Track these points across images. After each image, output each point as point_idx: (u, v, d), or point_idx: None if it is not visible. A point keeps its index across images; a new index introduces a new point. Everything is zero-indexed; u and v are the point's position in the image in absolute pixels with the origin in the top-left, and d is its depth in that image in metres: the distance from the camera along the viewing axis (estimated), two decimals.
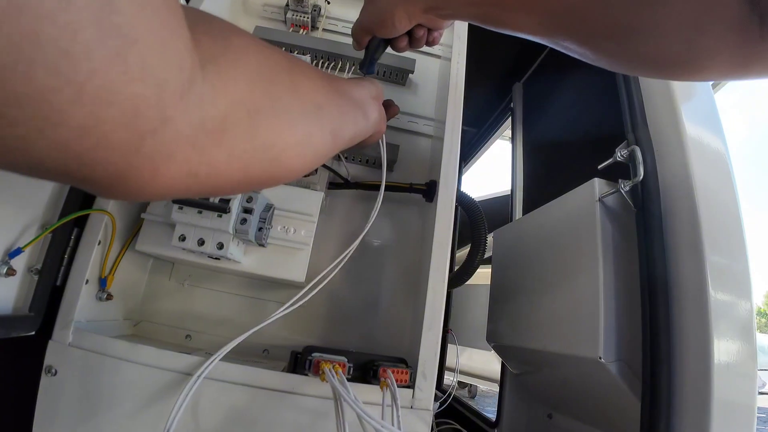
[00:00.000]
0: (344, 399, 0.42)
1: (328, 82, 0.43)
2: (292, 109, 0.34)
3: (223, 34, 0.30)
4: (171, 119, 0.22)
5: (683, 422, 0.58)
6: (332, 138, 0.40)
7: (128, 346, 0.54)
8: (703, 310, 0.59)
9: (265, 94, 0.31)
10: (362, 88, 0.52)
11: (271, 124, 0.32)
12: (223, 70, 0.27)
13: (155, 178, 0.24)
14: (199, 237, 0.54)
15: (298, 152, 0.35)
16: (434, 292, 0.55)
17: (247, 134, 0.29)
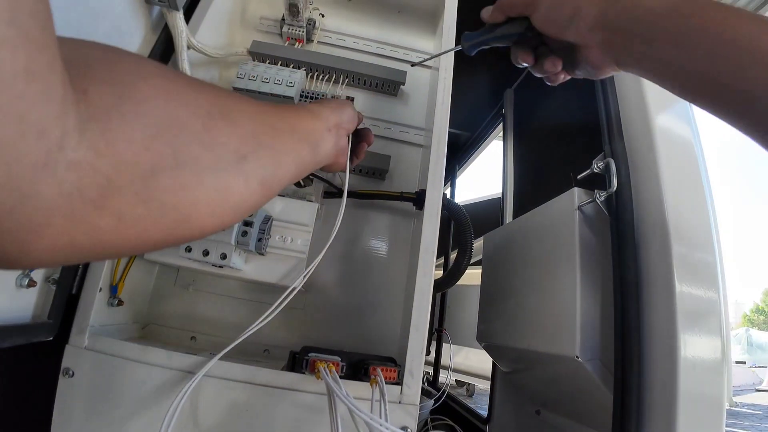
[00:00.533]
0: (337, 395, 0.46)
1: (261, 121, 0.39)
2: (203, 163, 0.31)
3: (127, 80, 0.27)
4: (33, 194, 0.21)
5: (653, 415, 0.63)
6: (261, 187, 0.37)
7: (139, 348, 0.58)
8: (671, 309, 0.63)
9: (168, 149, 0.28)
10: (317, 119, 0.49)
11: (174, 184, 0.29)
12: (112, 127, 0.25)
13: (25, 253, 0.23)
14: (204, 248, 0.59)
15: (213, 210, 0.33)
16: (421, 294, 0.60)
17: (139, 198, 0.27)
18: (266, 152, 0.38)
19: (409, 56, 0.99)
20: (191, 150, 0.30)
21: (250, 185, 0.36)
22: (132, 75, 0.28)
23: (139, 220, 0.27)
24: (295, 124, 0.45)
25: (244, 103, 0.38)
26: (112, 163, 0.25)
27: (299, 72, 0.81)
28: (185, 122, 0.30)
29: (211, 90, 0.35)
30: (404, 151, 0.89)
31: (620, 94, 0.81)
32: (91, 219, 0.24)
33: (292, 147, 0.43)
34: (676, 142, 0.74)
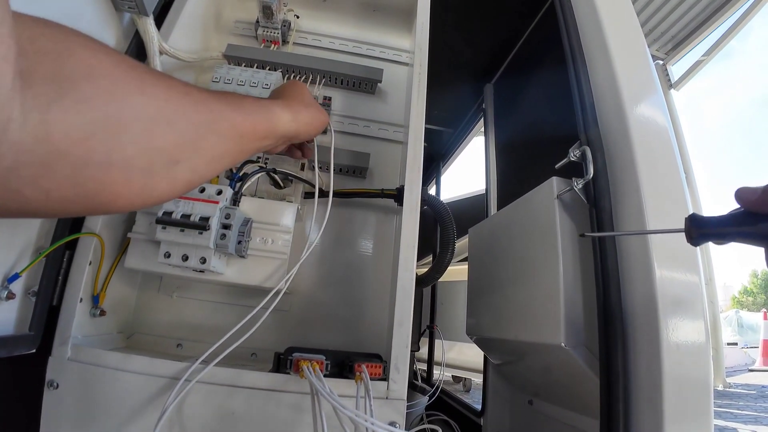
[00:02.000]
0: (321, 393, 0.46)
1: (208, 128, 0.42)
2: (134, 165, 0.34)
3: (72, 78, 0.29)
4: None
5: (639, 398, 0.63)
6: (186, 187, 0.41)
7: (122, 357, 0.58)
8: (651, 293, 0.64)
9: (102, 147, 0.31)
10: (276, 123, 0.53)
11: (103, 178, 0.32)
12: (51, 119, 0.28)
13: None
14: (183, 253, 0.59)
15: (133, 203, 0.37)
16: (403, 290, 0.60)
17: (68, 182, 0.30)
18: (202, 159, 0.41)
19: (385, 54, 1.00)
20: (126, 151, 0.33)
21: (175, 186, 0.39)
22: (78, 73, 0.30)
23: (64, 199, 0.31)
24: (246, 129, 0.47)
25: (193, 107, 0.40)
26: (48, 150, 0.28)
27: (275, 74, 0.81)
28: (126, 124, 0.33)
29: (165, 92, 0.37)
30: (384, 149, 0.89)
31: (594, 82, 0.81)
32: (23, 191, 0.28)
33: (233, 151, 0.46)
34: (650, 127, 0.75)
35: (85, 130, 0.30)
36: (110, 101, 0.32)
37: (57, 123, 0.28)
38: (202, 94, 0.42)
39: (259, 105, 0.51)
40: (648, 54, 0.85)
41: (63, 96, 0.29)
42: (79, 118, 0.30)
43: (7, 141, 0.26)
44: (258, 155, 0.75)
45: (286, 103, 0.57)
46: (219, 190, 0.60)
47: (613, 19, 0.86)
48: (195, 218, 0.57)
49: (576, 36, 0.88)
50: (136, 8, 0.67)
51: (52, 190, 0.30)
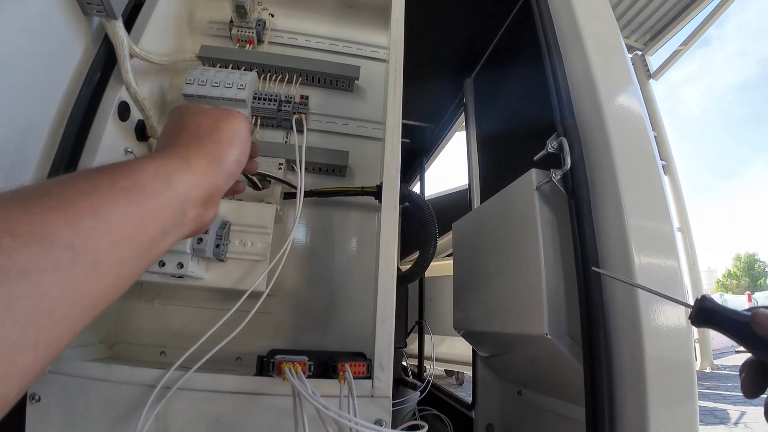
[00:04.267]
0: (303, 395, 0.46)
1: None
2: None
3: None
4: None
5: (623, 383, 0.64)
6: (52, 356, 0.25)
7: (103, 367, 0.57)
8: (630, 277, 0.64)
9: None
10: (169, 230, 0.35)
11: None
12: None
13: None
14: (160, 259, 0.58)
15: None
16: (384, 288, 0.60)
17: None
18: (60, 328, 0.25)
19: (363, 51, 0.99)
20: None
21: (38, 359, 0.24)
22: None
23: None
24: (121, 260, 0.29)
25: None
26: None
27: (250, 73, 0.79)
28: None
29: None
30: (364, 146, 0.89)
31: (570, 73, 0.82)
32: None
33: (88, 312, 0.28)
34: (626, 117, 0.75)
35: None
36: None
37: None
38: None
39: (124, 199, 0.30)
40: (623, 45, 0.86)
41: None
42: None
43: None
44: None
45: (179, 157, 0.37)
46: None
47: (588, 12, 0.87)
48: None
49: (551, 28, 0.88)
50: (105, 12, 0.65)
51: None
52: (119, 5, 0.68)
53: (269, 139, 0.86)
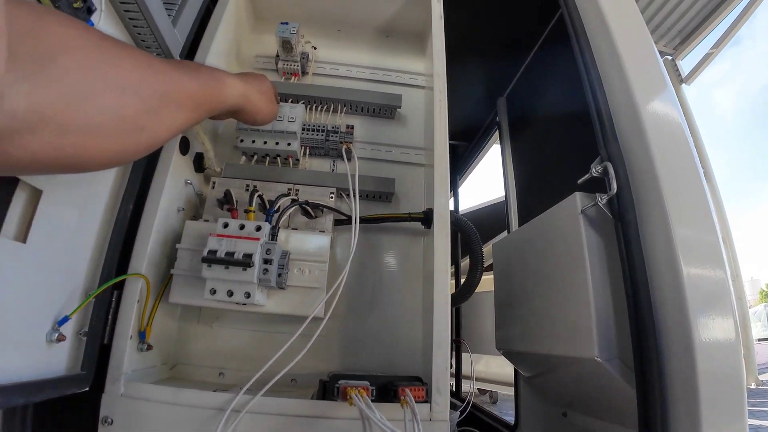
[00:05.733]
0: (372, 420, 0.48)
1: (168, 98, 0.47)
2: (106, 131, 0.39)
3: (51, 53, 0.34)
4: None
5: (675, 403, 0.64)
6: (149, 148, 0.47)
7: (172, 391, 0.60)
8: (682, 303, 0.64)
9: (80, 114, 0.36)
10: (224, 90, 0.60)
11: (79, 142, 0.37)
12: (38, 91, 0.32)
13: None
14: (228, 289, 0.61)
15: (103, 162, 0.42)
16: (440, 313, 0.62)
17: (50, 146, 0.35)
18: (163, 124, 0.47)
19: (402, 78, 1.03)
20: (99, 118, 0.38)
21: (139, 150, 0.46)
22: (55, 48, 0.34)
23: (46, 158, 0.36)
24: (201, 98, 0.53)
25: (156, 77, 0.45)
26: (36, 118, 0.33)
27: (299, 106, 0.84)
28: (99, 95, 0.38)
29: (131, 64, 0.42)
30: (406, 172, 0.92)
31: (609, 95, 0.83)
32: (12, 153, 0.33)
33: (188, 118, 0.52)
34: (669, 136, 0.75)
35: (65, 99, 0.35)
36: (85, 73, 0.36)
37: (43, 92, 0.33)
38: (162, 64, 0.47)
39: (212, 76, 0.57)
40: (659, 60, 0.86)
41: (44, 69, 0.33)
42: (60, 89, 0.34)
43: (3, 109, 0.30)
44: (288, 187, 0.78)
45: (241, 80, 0.64)
46: (258, 226, 0.62)
47: (623, 30, 0.88)
48: (239, 255, 0.59)
49: (588, 50, 0.89)
50: (163, 54, 0.70)
51: (37, 152, 0.34)
52: (176, 47, 0.73)
53: (317, 168, 0.89)
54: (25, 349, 0.53)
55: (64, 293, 0.60)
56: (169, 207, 0.72)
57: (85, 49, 0.37)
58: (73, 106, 0.36)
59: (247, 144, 0.83)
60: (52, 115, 0.34)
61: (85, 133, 0.37)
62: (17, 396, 0.49)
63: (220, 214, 0.76)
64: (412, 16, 1.04)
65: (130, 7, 0.62)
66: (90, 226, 0.64)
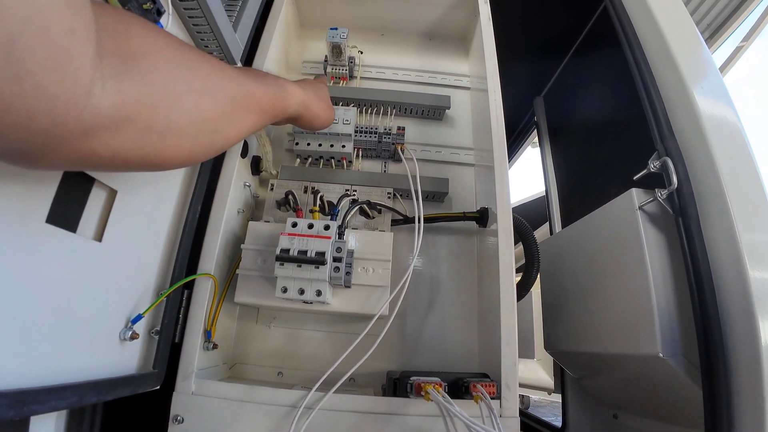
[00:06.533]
0: (453, 413, 0.48)
1: (239, 103, 0.50)
2: (185, 132, 0.41)
3: (135, 54, 0.35)
4: (62, 123, 0.29)
5: (742, 400, 0.63)
6: (219, 150, 0.50)
7: (247, 389, 0.62)
8: (747, 296, 0.63)
9: (162, 116, 0.38)
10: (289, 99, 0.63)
11: (160, 141, 0.39)
12: (124, 89, 0.33)
13: (46, 158, 0.32)
14: (300, 287, 0.62)
15: (181, 161, 0.44)
16: (507, 311, 0.62)
17: (133, 144, 0.36)
18: (233, 129, 0.50)
19: (447, 80, 1.03)
20: (180, 120, 0.40)
21: (210, 152, 0.48)
22: (138, 50, 0.35)
23: (127, 156, 0.37)
24: (266, 105, 0.56)
25: (229, 83, 0.48)
26: (120, 116, 0.33)
27: (352, 109, 0.85)
28: (181, 97, 0.40)
29: (208, 69, 0.44)
30: (456, 172, 0.92)
31: (663, 91, 0.82)
32: (95, 148, 0.33)
33: (254, 123, 0.55)
34: (725, 129, 0.74)
35: (150, 100, 0.36)
36: (168, 75, 0.38)
37: (129, 92, 0.34)
38: (234, 70, 0.50)
39: (276, 83, 0.60)
40: (708, 51, 0.85)
41: (129, 69, 0.34)
42: (145, 89, 0.35)
43: (90, 105, 0.30)
44: (347, 188, 0.79)
45: (301, 87, 0.66)
46: (326, 225, 0.63)
47: (670, 21, 0.87)
48: (311, 254, 0.60)
49: (638, 45, 0.89)
50: (225, 59, 0.72)
51: (119, 150, 0.35)
52: (237, 51, 0.75)
53: (369, 168, 0.91)
54: (99, 347, 0.54)
55: (137, 292, 0.62)
56: (231, 209, 0.73)
57: (166, 53, 0.39)
58: (157, 107, 0.37)
59: (302, 147, 0.84)
60: (136, 115, 0.35)
61: (166, 134, 0.39)
62: (91, 395, 0.50)
63: (279, 215, 0.78)
64: (455, 20, 1.05)
65: (194, 12, 0.64)
66: (161, 227, 0.66)
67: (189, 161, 0.46)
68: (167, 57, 0.39)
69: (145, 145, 0.38)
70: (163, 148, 0.40)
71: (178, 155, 0.42)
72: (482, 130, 0.85)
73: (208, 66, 0.44)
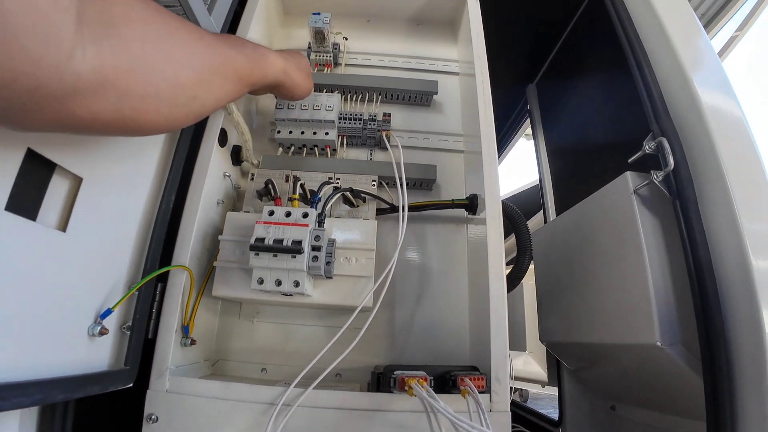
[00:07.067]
0: (437, 409, 0.45)
1: (217, 70, 0.51)
2: (163, 98, 0.43)
3: (115, 22, 0.36)
4: (46, 85, 0.31)
5: (745, 392, 0.60)
6: (198, 116, 0.51)
7: (221, 386, 0.59)
8: (749, 282, 0.60)
9: (141, 80, 0.39)
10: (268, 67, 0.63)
11: (138, 106, 0.40)
12: (105, 55, 0.35)
13: (29, 120, 0.33)
14: (276, 278, 0.59)
15: (157, 127, 0.46)
16: (496, 300, 0.59)
17: (112, 107, 0.38)
18: (212, 94, 0.51)
19: (435, 66, 1.00)
20: (159, 86, 0.42)
21: (189, 118, 0.49)
22: (118, 18, 0.37)
23: (106, 119, 0.38)
24: (245, 72, 0.57)
25: (208, 50, 0.49)
26: (100, 80, 0.35)
27: (335, 95, 0.82)
28: (159, 64, 0.41)
29: (187, 36, 0.46)
30: (445, 159, 0.89)
31: (657, 70, 0.79)
32: (76, 110, 0.35)
33: (233, 91, 0.56)
34: (723, 109, 0.72)
35: (129, 65, 0.38)
36: (147, 42, 0.40)
37: (108, 57, 0.35)
38: (212, 37, 0.51)
39: (256, 51, 0.60)
40: (702, 29, 0.82)
41: (110, 36, 0.36)
42: (124, 55, 0.37)
43: (71, 69, 0.32)
44: (329, 176, 0.76)
45: (281, 56, 0.67)
46: (305, 213, 0.60)
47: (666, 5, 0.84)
48: (288, 242, 0.57)
49: (631, 26, 0.86)
50: None
51: (99, 113, 0.37)
52: None
53: (354, 157, 0.87)
54: (66, 342, 0.52)
55: (107, 285, 0.59)
56: (209, 199, 0.70)
57: (146, 20, 0.40)
58: (135, 73, 0.39)
59: (284, 135, 0.81)
60: (115, 80, 0.36)
61: (144, 99, 0.41)
62: (57, 392, 0.47)
63: (259, 205, 0.75)
64: (443, 4, 1.01)
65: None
66: (132, 217, 0.63)
67: (167, 126, 0.47)
68: (147, 25, 0.40)
69: (123, 109, 0.39)
70: (141, 112, 0.41)
71: (156, 120, 0.44)
72: (471, 116, 0.82)
73: (187, 34, 0.46)
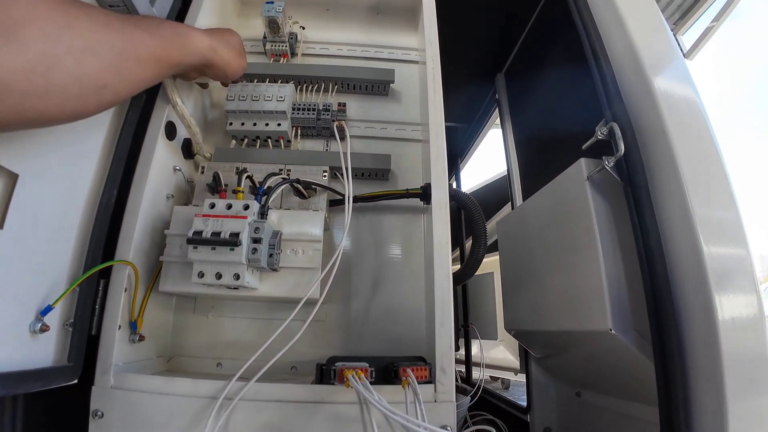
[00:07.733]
0: (369, 401, 0.45)
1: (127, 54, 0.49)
2: (69, 92, 0.42)
3: (13, 23, 0.37)
4: None
5: (698, 378, 0.60)
6: (112, 104, 0.50)
7: (164, 381, 0.58)
8: (701, 268, 0.60)
9: (41, 80, 0.39)
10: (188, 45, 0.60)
11: (41, 105, 0.40)
12: (2, 62, 0.36)
13: None
14: (216, 271, 0.58)
15: (65, 120, 0.45)
16: (441, 289, 0.59)
17: (13, 109, 0.38)
18: (124, 80, 0.49)
19: (394, 54, 0.99)
20: (61, 80, 0.41)
21: (101, 107, 0.48)
22: (19, 21, 0.37)
23: (7, 120, 0.39)
24: (162, 54, 0.55)
25: (114, 36, 0.47)
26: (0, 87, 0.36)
27: (288, 86, 0.80)
28: (60, 59, 0.40)
29: (89, 25, 0.44)
30: (404, 149, 0.88)
31: (612, 55, 0.78)
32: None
33: (150, 75, 0.54)
34: (677, 94, 0.71)
35: (27, 67, 0.37)
36: (47, 40, 0.39)
37: (7, 62, 0.36)
38: (120, 21, 0.49)
39: (175, 30, 0.58)
40: (662, 17, 0.82)
41: (10, 42, 0.36)
42: (22, 57, 0.37)
43: None
44: (279, 167, 0.75)
45: (207, 34, 0.64)
46: (246, 205, 0.59)
47: None
48: (225, 235, 0.56)
49: (587, 9, 0.85)
50: None
51: (2, 115, 0.38)
52: None
53: (310, 148, 0.86)
54: (7, 339, 0.50)
55: (48, 282, 0.57)
56: (157, 193, 0.69)
57: (47, 17, 0.39)
58: (35, 72, 0.38)
59: (236, 127, 0.79)
60: (15, 84, 0.37)
61: (46, 97, 0.40)
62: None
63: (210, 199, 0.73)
64: None
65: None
66: (73, 213, 0.61)
67: (77, 117, 0.46)
68: (48, 21, 0.39)
69: (25, 110, 0.39)
70: (44, 110, 0.41)
71: (61, 113, 0.43)
72: (427, 104, 0.81)
73: (89, 21, 0.44)
